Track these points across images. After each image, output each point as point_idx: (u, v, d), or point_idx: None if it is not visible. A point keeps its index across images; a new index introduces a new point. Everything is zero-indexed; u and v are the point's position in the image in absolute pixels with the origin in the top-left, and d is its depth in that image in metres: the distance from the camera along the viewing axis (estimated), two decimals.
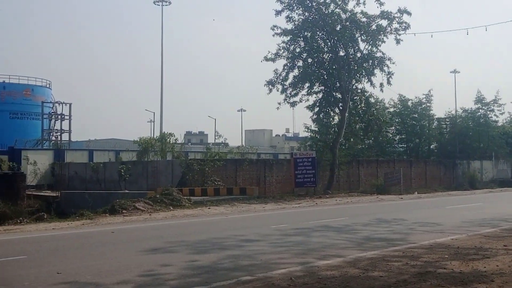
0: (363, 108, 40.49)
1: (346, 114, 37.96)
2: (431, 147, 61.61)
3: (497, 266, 10.14)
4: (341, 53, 37.86)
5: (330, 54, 38.11)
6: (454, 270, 9.86)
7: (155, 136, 48.98)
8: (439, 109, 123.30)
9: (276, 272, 9.95)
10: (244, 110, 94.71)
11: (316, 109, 38.62)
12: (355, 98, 39.60)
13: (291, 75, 37.39)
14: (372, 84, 38.30)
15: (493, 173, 58.76)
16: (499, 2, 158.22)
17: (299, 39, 37.35)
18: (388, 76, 37.67)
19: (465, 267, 10.12)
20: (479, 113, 60.79)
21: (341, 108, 38.21)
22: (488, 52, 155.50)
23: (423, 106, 57.39)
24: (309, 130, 42.00)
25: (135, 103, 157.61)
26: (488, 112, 60.86)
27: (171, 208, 24.78)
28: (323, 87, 38.48)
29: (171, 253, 12.41)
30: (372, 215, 21.13)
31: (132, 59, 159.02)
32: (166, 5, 58.48)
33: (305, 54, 37.83)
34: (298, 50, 37.53)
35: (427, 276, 9.37)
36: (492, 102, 60.69)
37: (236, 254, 12.09)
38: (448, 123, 61.62)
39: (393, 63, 37.72)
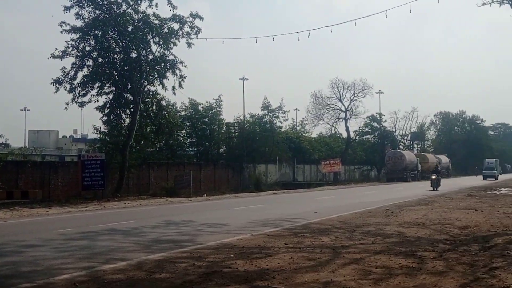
0: (155, 111, 40.44)
1: (137, 117, 37.53)
2: (220, 150, 63.25)
3: (278, 263, 10.56)
4: (133, 55, 37.39)
5: (122, 55, 37.46)
6: (239, 269, 10.08)
7: None
8: (229, 114, 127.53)
9: (58, 278, 9.43)
10: (28, 109, 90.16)
11: (107, 111, 37.71)
12: (146, 100, 39.37)
13: (80, 74, 36.05)
14: (164, 87, 38.35)
15: (276, 175, 62.10)
16: (285, 15, 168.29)
17: (89, 37, 36.18)
18: (180, 79, 38.02)
19: (249, 265, 10.40)
20: (265, 119, 63.83)
21: (132, 110, 37.66)
22: (275, 61, 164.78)
23: (214, 110, 58.78)
24: (98, 132, 40.75)
25: None
26: (274, 118, 64.19)
27: None
28: (114, 88, 37.70)
29: None
30: (161, 217, 21.06)
31: None
32: None
33: (95, 53, 36.80)
34: (88, 48, 36.42)
35: (213, 275, 9.47)
36: (277, 109, 64.12)
37: (16, 260, 11.29)
38: (237, 127, 63.78)
39: (185, 66, 38.20)
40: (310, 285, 8.74)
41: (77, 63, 35.86)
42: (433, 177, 44.12)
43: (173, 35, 37.49)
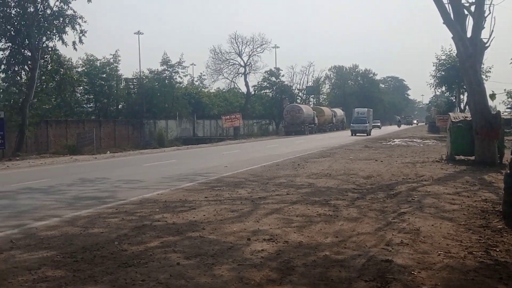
0: (55, 67, 39.36)
1: (37, 73, 36.47)
2: (119, 107, 62.69)
3: (204, 215, 11.08)
4: (31, 9, 36.07)
5: (18, 9, 36.06)
6: (167, 221, 10.52)
7: None
8: (127, 70, 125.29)
9: None
10: None
11: (4, 67, 36.44)
12: (45, 56, 38.26)
13: None
14: (64, 42, 37.37)
15: (177, 131, 62.27)
16: None
17: None
18: (81, 34, 37.23)
19: (177, 218, 10.84)
20: (164, 75, 63.66)
21: (30, 66, 36.61)
22: (173, 16, 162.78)
23: (111, 66, 57.98)
24: None
25: None
26: (173, 74, 64.11)
27: None
28: (10, 44, 36.36)
29: None
30: (74, 175, 20.92)
31: None
32: None
33: None
34: None
35: (145, 229, 9.88)
36: (176, 64, 63.99)
37: None
38: (136, 83, 63.27)
39: (85, 21, 37.45)
40: (240, 234, 9.25)
41: None
42: None
43: None
